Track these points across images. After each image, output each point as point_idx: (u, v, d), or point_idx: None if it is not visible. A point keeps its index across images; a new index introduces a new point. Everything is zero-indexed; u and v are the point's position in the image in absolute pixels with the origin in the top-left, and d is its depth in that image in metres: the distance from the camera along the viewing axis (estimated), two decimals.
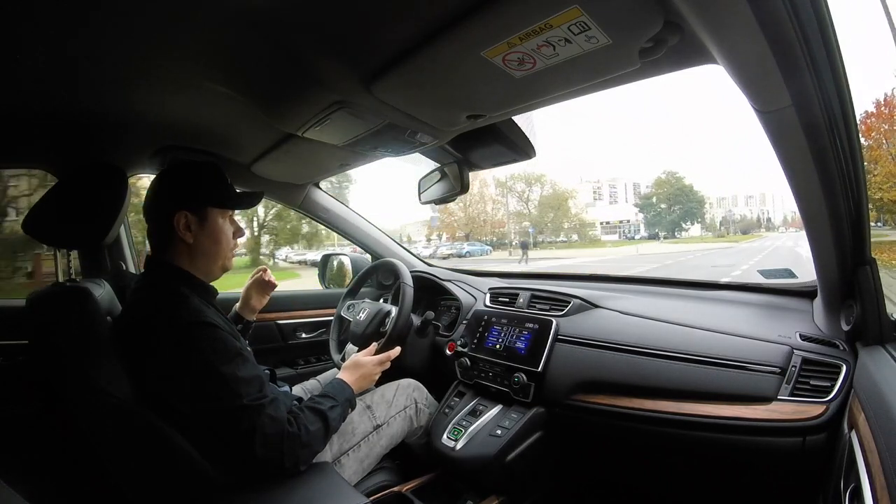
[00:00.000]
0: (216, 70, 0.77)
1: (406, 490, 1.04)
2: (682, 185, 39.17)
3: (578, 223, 33.68)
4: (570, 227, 33.50)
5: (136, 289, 0.86)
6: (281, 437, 0.76)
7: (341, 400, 0.93)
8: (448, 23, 0.59)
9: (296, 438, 0.78)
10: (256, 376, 0.78)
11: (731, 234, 44.20)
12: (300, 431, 0.79)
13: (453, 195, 1.31)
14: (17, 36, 0.63)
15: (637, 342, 1.02)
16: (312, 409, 0.86)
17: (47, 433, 0.93)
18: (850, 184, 0.67)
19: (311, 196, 1.58)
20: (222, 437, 0.76)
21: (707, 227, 42.64)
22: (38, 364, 0.83)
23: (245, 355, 0.80)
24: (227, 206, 0.91)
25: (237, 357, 0.78)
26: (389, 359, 1.13)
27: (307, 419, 0.82)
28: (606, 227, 40.20)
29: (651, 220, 39.36)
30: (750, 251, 19.91)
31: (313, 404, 0.88)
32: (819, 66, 0.54)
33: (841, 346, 0.85)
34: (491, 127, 1.00)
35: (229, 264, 0.94)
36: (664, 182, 39.50)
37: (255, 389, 0.77)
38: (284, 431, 0.77)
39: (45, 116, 0.92)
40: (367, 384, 1.08)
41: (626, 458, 1.08)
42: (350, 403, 0.97)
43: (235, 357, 0.77)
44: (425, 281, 1.60)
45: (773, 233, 46.02)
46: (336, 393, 0.94)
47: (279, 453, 0.76)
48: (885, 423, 0.54)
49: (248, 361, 0.80)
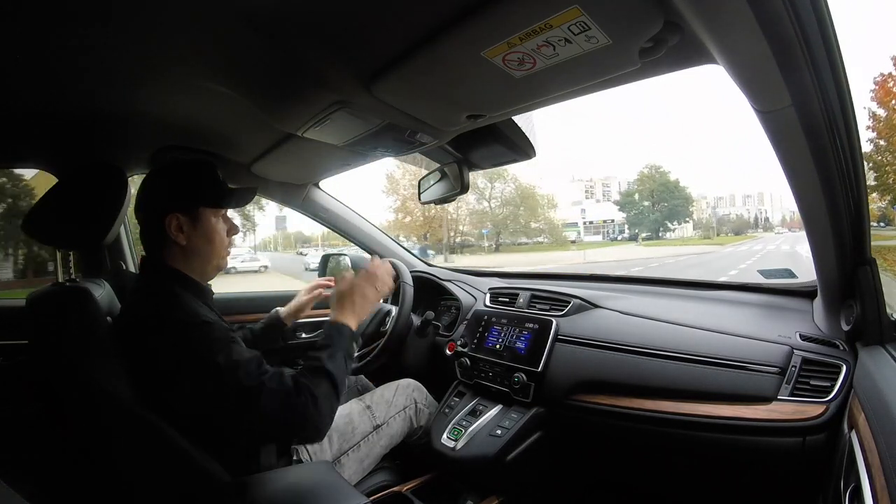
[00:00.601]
0: (216, 70, 0.77)
1: (406, 490, 1.04)
2: (666, 181, 35.39)
3: (546, 223, 29.44)
4: (539, 227, 29.47)
5: (133, 290, 0.86)
6: (293, 409, 0.74)
7: (338, 343, 0.84)
8: (448, 23, 0.59)
9: (307, 405, 0.74)
10: (253, 357, 0.76)
11: (723, 234, 41.06)
12: (308, 398, 0.75)
13: (453, 195, 1.31)
14: (17, 36, 0.63)
15: (637, 342, 1.02)
16: (310, 368, 0.80)
17: (47, 433, 0.93)
18: (849, 183, 0.67)
19: (311, 196, 1.58)
20: (234, 423, 0.74)
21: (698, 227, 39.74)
22: (38, 364, 0.83)
23: (238, 341, 0.79)
24: (219, 206, 0.90)
25: (231, 343, 0.76)
26: (379, 267, 1.00)
27: (311, 383, 0.77)
28: (590, 227, 37.87)
29: (632, 220, 35.61)
30: (733, 258, 16.82)
31: (310, 363, 0.81)
32: (819, 65, 0.54)
33: (841, 346, 0.85)
34: (491, 127, 1.00)
35: (224, 263, 0.93)
36: (647, 177, 35.72)
37: (254, 367, 0.74)
38: (294, 402, 0.74)
39: (45, 116, 0.92)
40: (374, 299, 0.95)
41: (626, 458, 1.08)
42: (352, 338, 0.88)
43: (229, 344, 0.76)
44: (425, 281, 1.61)
45: (770, 233, 42.60)
46: (329, 339, 0.85)
47: (294, 426, 0.74)
48: (885, 423, 0.54)
49: (240, 345, 0.78)
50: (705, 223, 41.26)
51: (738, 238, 37.33)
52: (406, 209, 25.31)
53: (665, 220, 35.18)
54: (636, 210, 35.57)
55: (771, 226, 48.86)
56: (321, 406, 0.75)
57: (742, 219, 47.71)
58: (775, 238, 33.50)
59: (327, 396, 0.77)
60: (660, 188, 34.98)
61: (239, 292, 1.46)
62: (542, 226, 29.60)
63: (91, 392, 0.72)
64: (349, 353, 0.86)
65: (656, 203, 35.00)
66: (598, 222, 37.87)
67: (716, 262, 16.20)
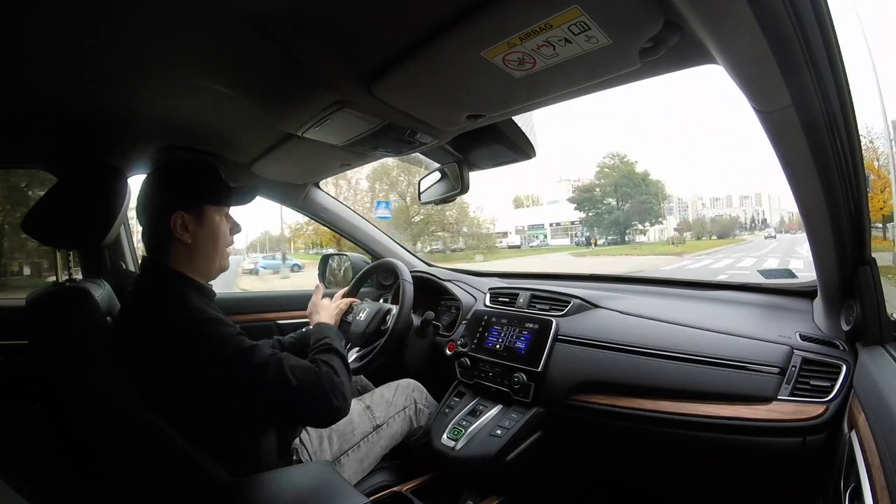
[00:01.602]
0: (216, 70, 0.77)
1: (406, 490, 1.04)
2: (630, 171, 28.27)
3: (471, 226, 21.83)
4: (449, 233, 21.86)
5: (132, 291, 0.84)
6: (317, 377, 0.77)
7: (331, 333, 0.96)
8: (448, 23, 0.59)
9: (328, 375, 0.79)
10: (262, 343, 0.79)
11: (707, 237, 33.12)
12: (329, 369, 0.80)
13: (453, 195, 1.31)
14: (17, 36, 0.63)
15: (637, 342, 1.02)
16: (319, 349, 0.88)
17: (47, 433, 0.93)
18: (849, 184, 0.67)
19: (311, 196, 1.58)
20: (260, 405, 0.75)
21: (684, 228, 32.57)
22: (38, 364, 0.83)
23: (244, 335, 0.79)
24: (223, 203, 0.90)
25: (240, 335, 0.78)
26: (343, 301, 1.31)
27: (326, 358, 0.84)
28: (557, 228, 32.26)
29: (592, 221, 28.90)
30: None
31: (317, 346, 0.90)
32: (819, 65, 0.54)
33: (841, 346, 0.85)
34: (491, 127, 1.00)
35: (226, 263, 0.93)
36: (610, 169, 28.60)
37: (268, 353, 0.76)
38: (315, 371, 0.78)
39: (44, 116, 0.92)
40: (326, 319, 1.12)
41: (626, 458, 1.08)
42: (339, 336, 0.99)
43: (239, 335, 0.77)
44: (425, 281, 1.60)
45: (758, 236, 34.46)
46: (320, 331, 0.97)
47: (324, 393, 0.76)
48: (885, 423, 0.54)
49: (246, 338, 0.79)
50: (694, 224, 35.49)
51: (719, 243, 28.99)
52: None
53: (633, 220, 28.42)
54: (595, 210, 28.78)
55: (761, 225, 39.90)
56: (342, 376, 0.81)
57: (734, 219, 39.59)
58: (764, 245, 25.17)
59: (342, 369, 0.83)
60: (624, 181, 28.25)
61: (239, 292, 1.47)
62: (459, 230, 21.98)
63: (91, 392, 0.72)
64: (342, 340, 0.97)
65: (621, 200, 28.43)
66: (565, 224, 32.18)
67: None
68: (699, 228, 35.45)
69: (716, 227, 36.29)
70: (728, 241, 31.48)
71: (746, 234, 37.20)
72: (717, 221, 37.83)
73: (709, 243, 29.10)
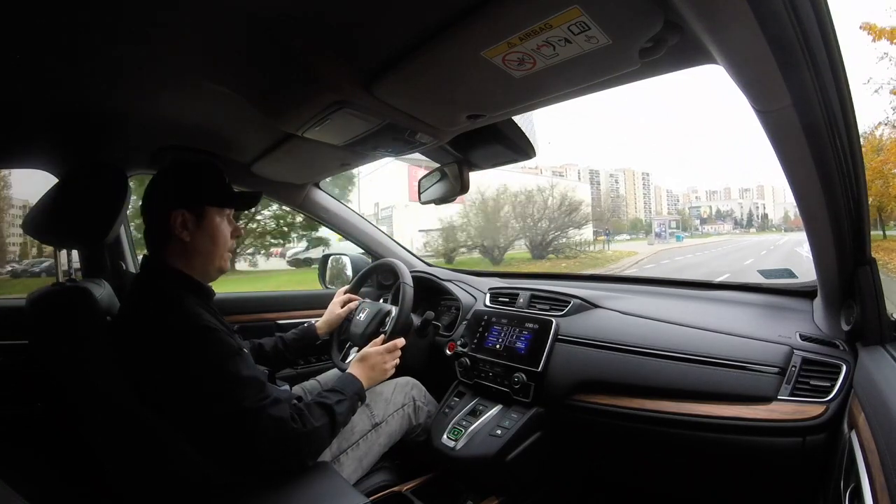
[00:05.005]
0: (216, 70, 0.77)
1: (406, 490, 1.04)
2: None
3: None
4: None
5: (131, 291, 0.86)
6: (285, 437, 0.76)
7: (349, 394, 0.93)
8: (448, 23, 0.59)
9: (301, 437, 0.78)
10: (255, 377, 0.78)
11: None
12: (305, 428, 0.79)
13: (453, 195, 1.31)
14: (16, 35, 0.63)
15: (637, 342, 1.02)
16: (319, 403, 0.86)
17: (47, 433, 0.93)
18: (850, 183, 0.67)
19: (311, 196, 1.58)
20: (225, 439, 0.76)
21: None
22: (38, 364, 0.83)
23: (243, 354, 0.80)
24: (225, 206, 0.91)
25: (235, 356, 0.77)
26: (397, 347, 1.11)
27: (313, 415, 0.83)
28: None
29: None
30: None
31: (320, 399, 0.88)
32: (819, 65, 0.54)
33: (841, 346, 0.85)
34: (491, 127, 1.00)
35: (226, 265, 0.93)
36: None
37: (256, 391, 0.76)
38: (289, 431, 0.77)
39: (44, 116, 0.92)
40: (378, 376, 1.05)
41: (626, 458, 1.08)
42: (359, 397, 0.96)
43: (234, 356, 0.77)
44: (425, 281, 1.60)
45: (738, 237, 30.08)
46: (344, 387, 0.94)
47: (283, 454, 0.77)
48: (885, 423, 0.54)
49: (246, 360, 0.80)
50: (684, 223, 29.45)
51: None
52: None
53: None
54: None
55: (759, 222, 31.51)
56: (316, 437, 0.81)
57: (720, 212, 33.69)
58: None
59: (322, 431, 0.83)
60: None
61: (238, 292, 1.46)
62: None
63: (90, 392, 0.72)
64: (353, 408, 0.94)
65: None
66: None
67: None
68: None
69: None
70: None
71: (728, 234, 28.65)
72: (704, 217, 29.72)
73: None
